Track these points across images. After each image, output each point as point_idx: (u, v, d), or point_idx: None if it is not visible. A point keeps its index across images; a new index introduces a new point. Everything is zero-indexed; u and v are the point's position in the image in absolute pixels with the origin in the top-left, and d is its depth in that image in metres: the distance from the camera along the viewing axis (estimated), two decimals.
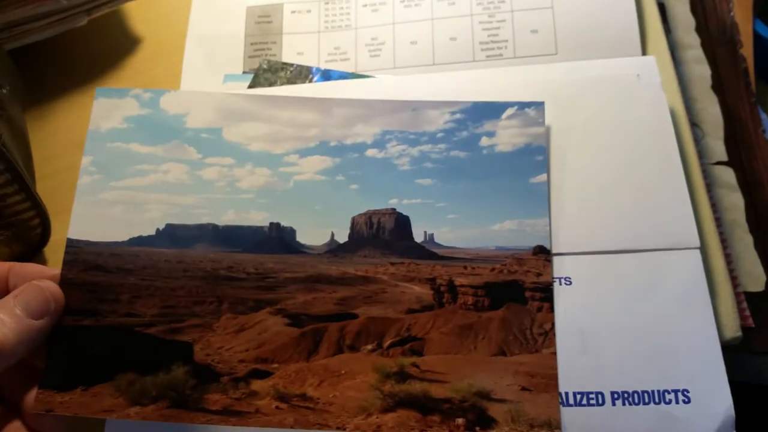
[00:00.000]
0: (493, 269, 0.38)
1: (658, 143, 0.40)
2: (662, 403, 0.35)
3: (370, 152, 0.42)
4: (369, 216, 0.40)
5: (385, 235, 0.40)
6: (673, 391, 0.35)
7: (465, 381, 0.36)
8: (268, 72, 0.48)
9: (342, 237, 0.40)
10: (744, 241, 0.43)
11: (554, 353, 0.36)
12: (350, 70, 0.49)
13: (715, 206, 0.43)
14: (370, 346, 0.37)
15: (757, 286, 0.42)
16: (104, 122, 0.42)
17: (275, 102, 0.43)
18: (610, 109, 0.41)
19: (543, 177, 0.40)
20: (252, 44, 0.52)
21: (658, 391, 0.35)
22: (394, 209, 0.40)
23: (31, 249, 0.46)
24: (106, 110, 0.43)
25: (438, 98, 0.43)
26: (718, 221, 0.42)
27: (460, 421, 0.35)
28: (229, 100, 0.43)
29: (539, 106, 0.41)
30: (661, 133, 0.41)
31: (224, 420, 0.35)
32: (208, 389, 0.36)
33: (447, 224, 0.40)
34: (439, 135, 0.42)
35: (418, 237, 0.40)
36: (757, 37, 0.50)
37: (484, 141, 0.41)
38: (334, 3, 0.52)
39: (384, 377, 0.36)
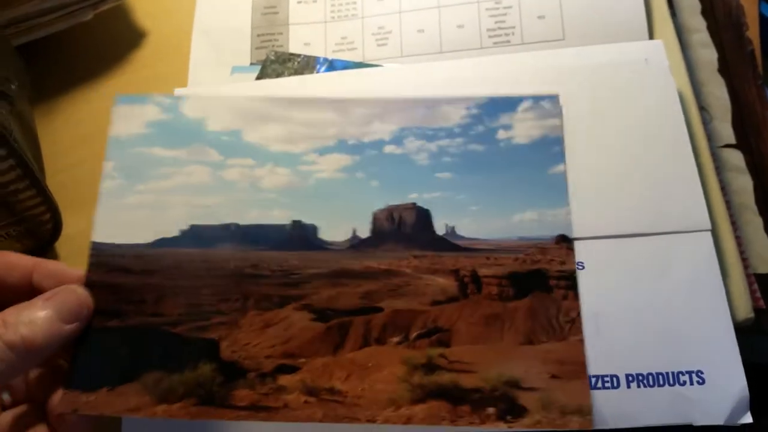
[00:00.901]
0: (516, 259, 0.39)
1: (668, 127, 0.40)
2: (677, 384, 0.35)
3: (389, 148, 0.42)
4: (390, 211, 0.41)
5: (406, 229, 0.40)
6: (687, 372, 0.35)
7: (494, 370, 0.35)
8: (275, 63, 0.48)
9: (364, 232, 0.40)
10: (753, 224, 0.43)
11: (581, 340, 0.36)
12: (358, 59, 0.49)
13: (724, 189, 0.43)
14: (396, 339, 0.37)
15: (767, 268, 0.42)
16: (125, 128, 0.43)
17: (292, 104, 0.44)
18: (619, 94, 0.42)
19: (561, 167, 0.40)
20: (258, 36, 0.52)
21: (673, 372, 0.36)
22: (415, 203, 0.40)
23: (43, 244, 0.46)
24: (126, 116, 0.43)
25: (447, 87, 0.43)
26: (728, 204, 0.42)
27: (491, 410, 0.34)
28: (247, 104, 0.44)
29: (553, 98, 0.42)
30: (670, 116, 0.41)
31: (252, 415, 0.35)
32: (236, 385, 0.36)
33: (468, 216, 0.40)
34: (456, 130, 0.42)
35: (440, 230, 0.40)
36: (763, 20, 0.50)
37: (501, 134, 0.42)
38: None
39: (412, 369, 0.36)
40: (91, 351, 0.37)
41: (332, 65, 0.48)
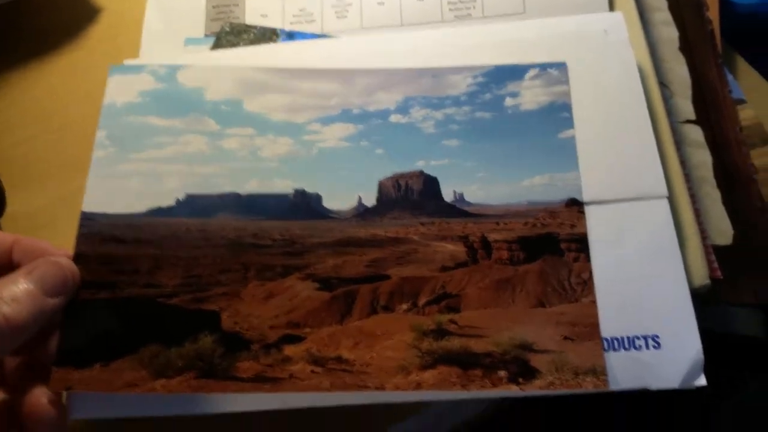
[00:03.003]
0: (526, 223, 0.38)
1: (626, 96, 0.40)
2: (632, 349, 0.35)
3: (394, 117, 0.41)
4: (396, 179, 0.39)
5: (413, 196, 0.39)
6: (642, 337, 0.35)
7: (505, 334, 0.34)
8: (230, 35, 0.47)
9: (370, 201, 0.39)
10: (712, 196, 0.44)
11: (594, 302, 0.35)
12: (316, 32, 0.48)
13: (684, 163, 0.43)
14: (405, 306, 0.36)
15: (724, 240, 0.42)
16: (119, 97, 0.41)
17: (294, 74, 0.42)
18: (578, 65, 0.41)
19: (571, 132, 0.39)
20: (214, 7, 0.50)
21: (628, 337, 0.35)
22: (422, 171, 0.39)
23: None
24: (121, 86, 0.42)
25: (407, 58, 0.42)
26: (687, 177, 0.42)
27: (502, 373, 0.33)
28: (248, 74, 0.43)
29: (561, 66, 0.41)
30: (628, 86, 0.41)
31: (257, 387, 0.33)
32: (238, 357, 0.34)
33: (476, 182, 0.39)
34: (463, 98, 0.41)
35: (448, 196, 0.39)
36: (722, 0, 0.51)
37: (509, 101, 0.41)
38: None
39: (421, 335, 0.35)
40: (81, 325, 0.35)
41: (290, 37, 0.46)
